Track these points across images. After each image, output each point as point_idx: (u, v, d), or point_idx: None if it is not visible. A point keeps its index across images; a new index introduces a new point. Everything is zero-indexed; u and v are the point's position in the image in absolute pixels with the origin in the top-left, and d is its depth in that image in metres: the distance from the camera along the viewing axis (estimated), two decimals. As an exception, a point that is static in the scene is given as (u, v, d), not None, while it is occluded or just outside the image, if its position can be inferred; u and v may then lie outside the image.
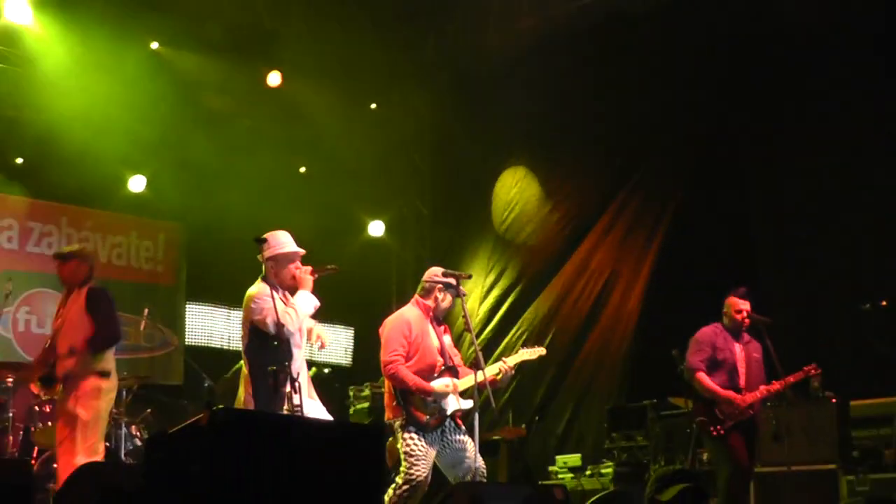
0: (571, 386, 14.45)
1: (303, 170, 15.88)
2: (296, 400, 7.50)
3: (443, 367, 8.97)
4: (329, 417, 8.42)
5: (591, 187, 14.48)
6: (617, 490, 11.86)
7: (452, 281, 9.19)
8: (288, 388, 7.56)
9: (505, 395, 13.86)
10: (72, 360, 9.39)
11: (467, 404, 8.86)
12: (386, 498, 8.52)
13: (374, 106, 16.50)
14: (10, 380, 11.70)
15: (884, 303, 11.12)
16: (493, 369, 8.95)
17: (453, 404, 8.86)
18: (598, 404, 13.85)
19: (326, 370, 15.20)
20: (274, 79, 15.08)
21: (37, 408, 11.46)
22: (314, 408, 8.17)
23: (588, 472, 13.08)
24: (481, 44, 15.75)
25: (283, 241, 8.37)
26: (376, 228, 16.71)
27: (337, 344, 16.68)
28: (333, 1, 15.67)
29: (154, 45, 14.45)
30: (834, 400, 10.81)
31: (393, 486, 8.65)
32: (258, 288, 8.13)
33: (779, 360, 9.98)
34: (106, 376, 9.49)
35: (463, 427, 8.94)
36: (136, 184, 14.77)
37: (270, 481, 5.14)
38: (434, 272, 9.35)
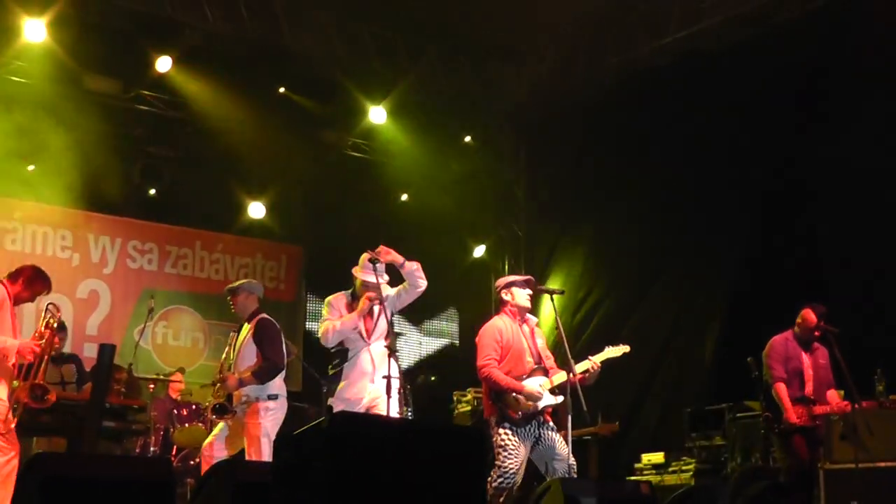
0: (655, 389, 14.37)
1: (405, 197, 15.93)
2: None
3: (534, 367, 9.02)
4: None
5: (672, 209, 14.39)
6: (698, 485, 11.81)
7: (510, 278, 9.44)
8: None
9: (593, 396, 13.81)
10: (240, 391, 9.59)
11: (557, 400, 8.88)
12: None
13: (468, 139, 16.52)
14: (151, 387, 11.92)
15: None
16: (581, 367, 8.97)
17: (544, 400, 8.89)
18: (680, 406, 13.76)
19: (433, 377, 15.28)
20: (379, 116, 15.20)
21: (175, 411, 11.68)
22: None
23: (671, 469, 13.01)
24: (569, 81, 15.81)
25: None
26: (478, 251, 16.79)
27: (443, 350, 16.78)
28: (435, 43, 15.79)
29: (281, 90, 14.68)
30: (898, 400, 10.70)
31: (488, 478, 8.69)
32: None
33: (847, 366, 9.95)
34: (273, 399, 9.64)
35: (552, 423, 8.96)
36: (257, 210, 14.95)
37: (382, 478, 5.20)
38: (499, 282, 9.55)
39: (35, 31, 12.66)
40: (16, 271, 9.23)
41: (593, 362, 9.02)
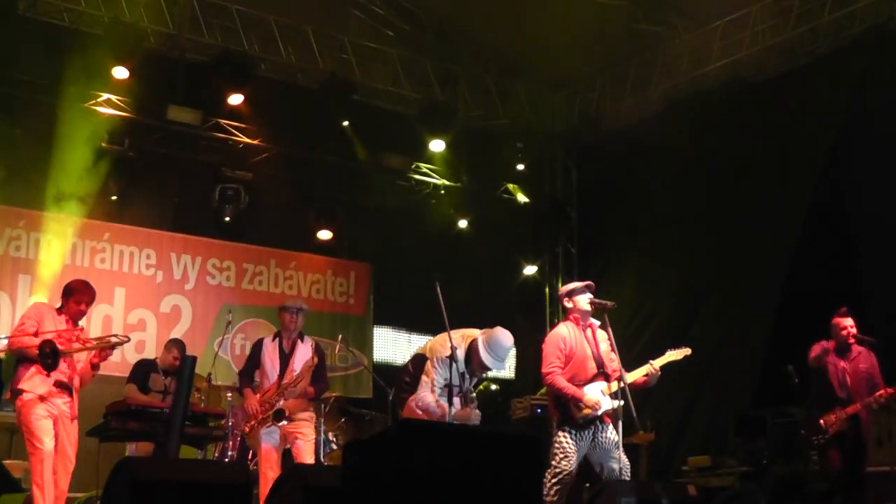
0: (705, 396, 14.23)
1: (463, 224, 15.89)
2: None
3: (596, 372, 8.89)
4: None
5: (718, 227, 14.28)
6: (741, 487, 11.67)
7: (570, 286, 9.26)
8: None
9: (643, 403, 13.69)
10: (300, 403, 10.02)
11: (616, 404, 8.73)
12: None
13: (521, 167, 16.53)
14: (230, 395, 11.94)
15: None
16: (641, 371, 8.88)
17: (604, 405, 8.78)
18: (725, 412, 13.63)
19: (494, 386, 15.24)
20: (438, 145, 15.24)
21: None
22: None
23: (716, 472, 12.88)
24: (618, 107, 15.79)
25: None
26: (530, 269, 16.77)
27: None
28: (491, 74, 15.87)
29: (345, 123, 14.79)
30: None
31: (544, 479, 8.62)
32: None
33: (882, 374, 9.80)
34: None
35: (611, 426, 8.84)
36: (325, 233, 15.01)
37: (446, 483, 5.16)
38: (560, 291, 9.45)
39: (121, 70, 12.96)
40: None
41: (653, 366, 8.92)
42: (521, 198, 16.40)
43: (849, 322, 10.10)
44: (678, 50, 14.83)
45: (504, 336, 8.93)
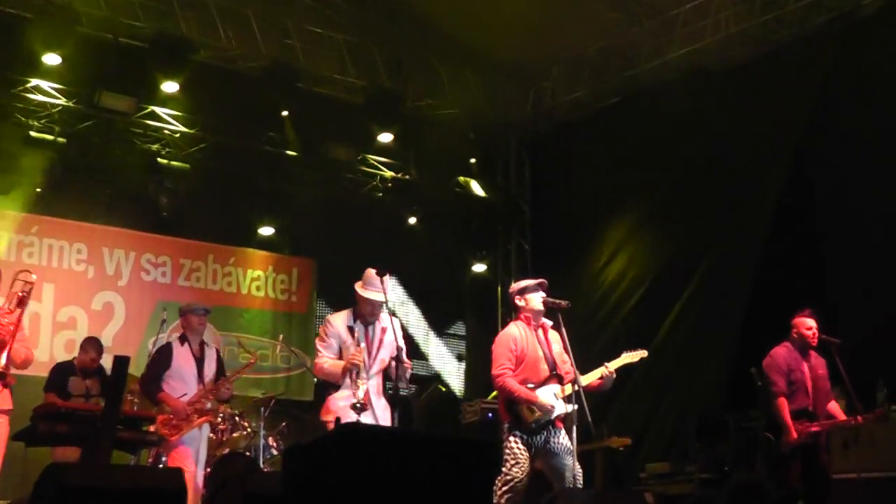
0: (667, 401, 14.27)
1: (412, 220, 15.88)
2: None
3: (549, 375, 8.94)
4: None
5: (681, 223, 14.36)
6: (698, 495, 11.77)
7: (522, 283, 9.30)
8: None
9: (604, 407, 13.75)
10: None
11: (570, 408, 8.78)
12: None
13: (472, 161, 16.58)
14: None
15: None
16: (595, 373, 8.94)
17: (557, 409, 8.82)
18: (685, 417, 13.71)
19: (443, 388, 15.29)
20: (385, 137, 15.25)
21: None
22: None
23: (676, 479, 12.94)
24: (575, 97, 15.87)
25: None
26: (480, 266, 16.79)
27: (451, 365, 16.78)
28: (447, 64, 15.89)
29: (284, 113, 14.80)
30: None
31: (494, 487, 8.62)
32: None
33: (849, 378, 9.91)
34: None
35: (563, 431, 8.88)
36: (267, 228, 14.97)
37: (390, 489, 5.18)
38: (511, 288, 9.48)
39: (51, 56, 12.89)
40: None
41: (608, 369, 8.98)
42: (477, 190, 16.37)
43: (813, 323, 10.21)
44: (637, 37, 14.89)
45: (371, 270, 9.04)
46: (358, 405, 8.48)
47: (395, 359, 8.68)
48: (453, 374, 16.61)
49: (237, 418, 12.17)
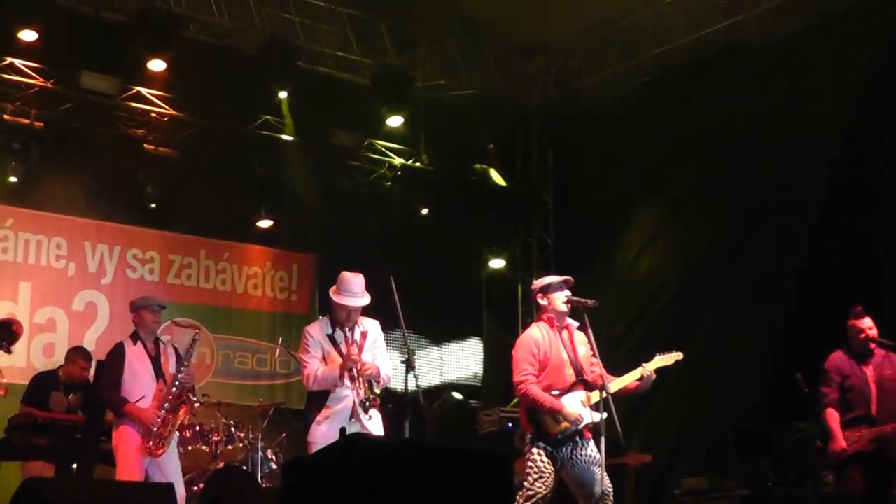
0: (705, 411, 14.20)
1: (424, 212, 15.82)
2: None
3: (575, 381, 8.83)
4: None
5: (716, 219, 14.27)
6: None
7: (546, 281, 9.16)
8: None
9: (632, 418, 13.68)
10: None
11: (598, 417, 8.64)
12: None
13: (490, 147, 16.49)
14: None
15: None
16: (632, 375, 8.85)
17: (585, 419, 8.71)
18: (723, 427, 13.63)
19: (459, 396, 15.25)
20: (395, 120, 15.19)
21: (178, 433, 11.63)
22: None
23: (713, 496, 12.86)
24: (600, 77, 15.79)
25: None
26: (499, 262, 16.68)
27: (466, 367, 16.75)
28: (462, 41, 15.81)
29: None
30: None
31: (514, 502, 8.54)
32: None
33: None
34: None
35: (592, 442, 8.79)
36: (265, 220, 14.92)
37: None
38: (534, 284, 9.34)
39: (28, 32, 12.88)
40: None
41: (646, 369, 8.90)
42: (495, 179, 16.32)
43: (867, 323, 10.12)
44: (670, 11, 14.80)
45: (347, 274, 9.15)
46: (366, 402, 8.52)
47: (404, 362, 8.69)
48: (468, 382, 16.56)
49: (233, 429, 12.14)
